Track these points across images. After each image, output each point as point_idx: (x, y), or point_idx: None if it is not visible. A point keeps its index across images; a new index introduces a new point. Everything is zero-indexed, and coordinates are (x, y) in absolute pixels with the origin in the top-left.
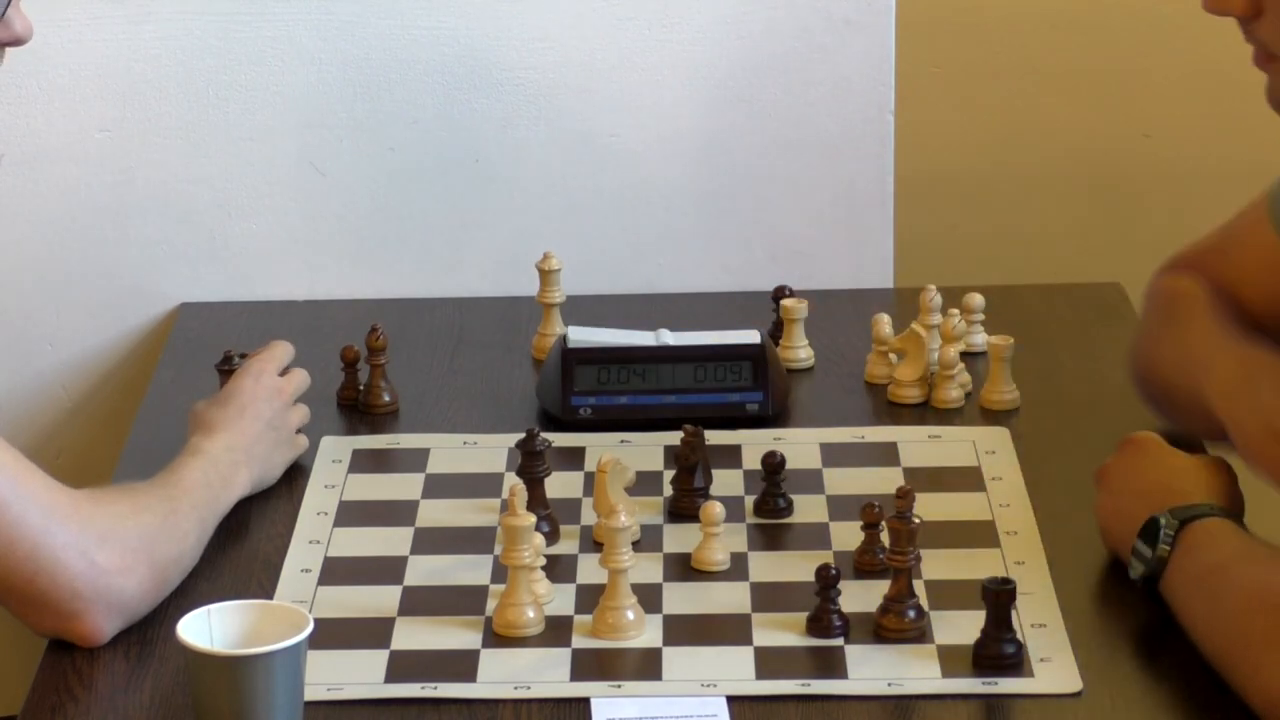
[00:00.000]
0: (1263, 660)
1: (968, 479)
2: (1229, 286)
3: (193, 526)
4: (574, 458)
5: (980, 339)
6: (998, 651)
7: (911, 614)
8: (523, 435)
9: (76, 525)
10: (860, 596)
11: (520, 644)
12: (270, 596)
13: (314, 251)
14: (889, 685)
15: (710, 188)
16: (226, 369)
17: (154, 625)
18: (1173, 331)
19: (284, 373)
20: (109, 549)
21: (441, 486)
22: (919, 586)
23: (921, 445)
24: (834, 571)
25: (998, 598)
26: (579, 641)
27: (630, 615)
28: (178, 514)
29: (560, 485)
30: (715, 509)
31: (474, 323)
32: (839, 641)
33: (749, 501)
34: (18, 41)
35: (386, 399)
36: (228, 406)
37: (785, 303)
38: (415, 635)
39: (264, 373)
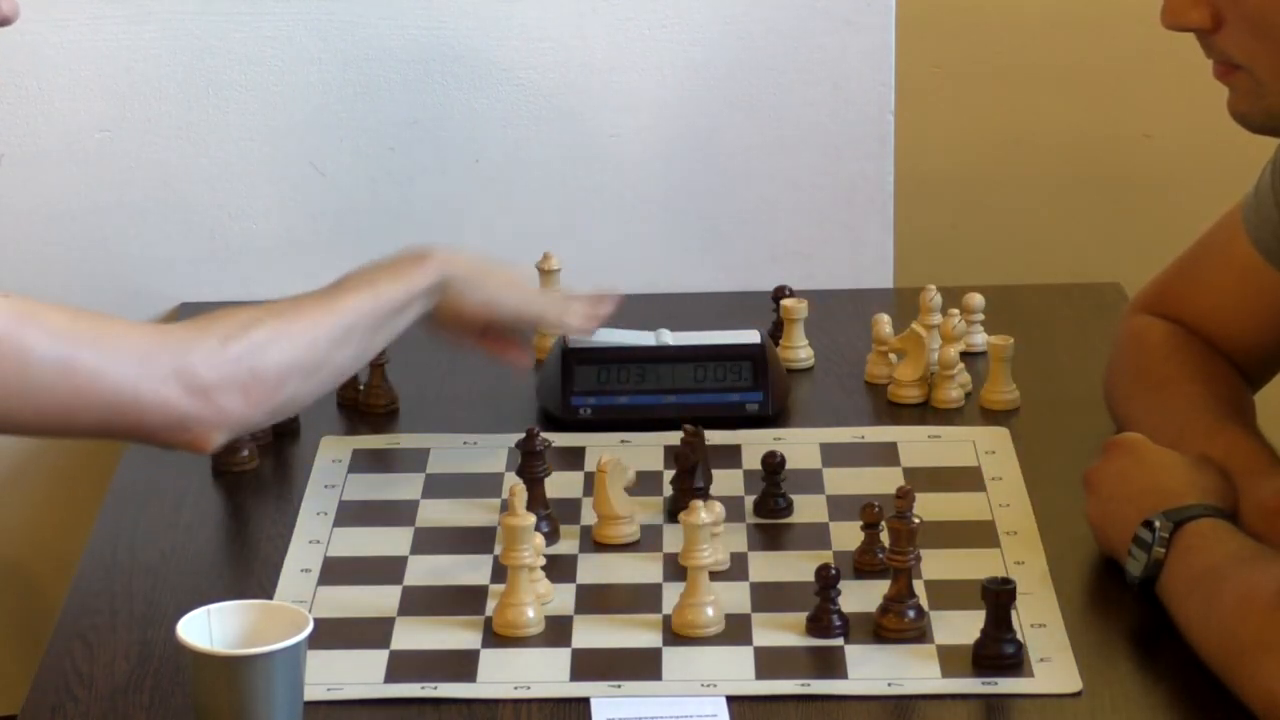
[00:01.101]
0: (1260, 663)
1: (968, 479)
2: (1201, 314)
3: (325, 331)
4: (574, 458)
5: (980, 339)
6: (998, 651)
7: (911, 614)
8: (523, 435)
9: (169, 357)
10: (860, 596)
11: (520, 644)
12: (270, 596)
13: (314, 251)
14: (889, 685)
15: (711, 188)
16: None
17: (154, 625)
18: (1148, 399)
19: None
20: (208, 368)
21: (441, 486)
22: (919, 586)
23: (921, 445)
24: (834, 571)
25: (998, 598)
26: (579, 641)
27: (710, 612)
28: (298, 320)
29: (560, 485)
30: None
31: None
32: (839, 641)
33: (749, 501)
34: (5, 21)
35: (386, 399)
36: None
37: (785, 303)
38: (415, 635)
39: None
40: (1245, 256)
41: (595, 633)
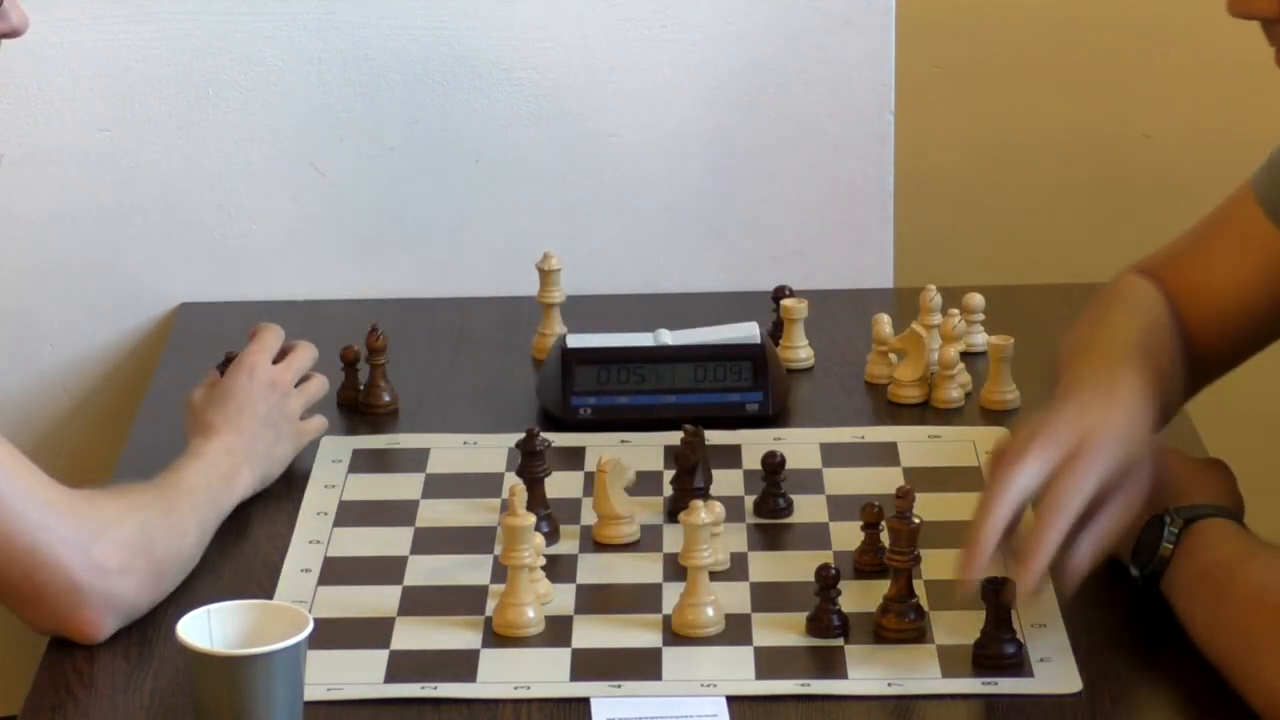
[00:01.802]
0: (1264, 661)
1: (968, 479)
2: (1206, 283)
3: (192, 526)
4: (574, 458)
5: (980, 339)
6: (998, 651)
7: (911, 614)
8: (523, 435)
9: (75, 521)
10: (860, 596)
11: (520, 644)
12: (270, 596)
13: (314, 251)
14: (889, 685)
15: (710, 188)
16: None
17: (154, 625)
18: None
19: (281, 356)
20: (107, 546)
21: (441, 486)
22: (919, 586)
23: (921, 445)
24: (834, 571)
25: (998, 597)
26: (579, 641)
27: (710, 612)
28: (176, 513)
29: (560, 485)
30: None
31: (474, 323)
32: (839, 641)
33: (749, 501)
34: (15, 33)
35: (386, 399)
36: (225, 406)
37: (785, 303)
38: (415, 635)
39: (256, 366)
40: (1254, 226)
41: (595, 633)
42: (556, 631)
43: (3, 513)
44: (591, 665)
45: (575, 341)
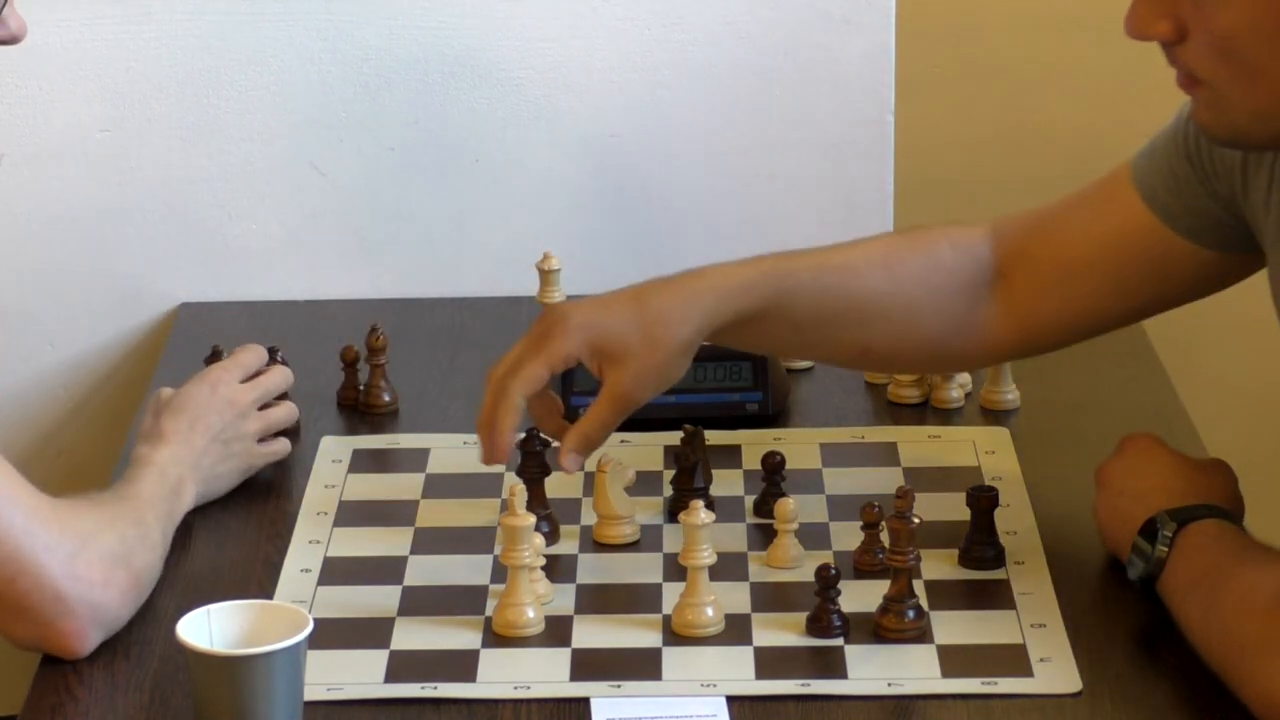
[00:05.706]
0: (1258, 663)
1: (968, 479)
2: (1062, 239)
3: (158, 537)
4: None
5: None
6: (980, 555)
7: (911, 614)
8: (523, 435)
9: (58, 531)
10: (860, 596)
11: (520, 644)
12: (270, 596)
13: (314, 251)
14: (889, 685)
15: (710, 187)
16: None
17: (153, 625)
18: None
19: (255, 375)
20: (90, 557)
21: (441, 486)
22: (919, 586)
23: (921, 445)
24: (834, 571)
25: (979, 504)
26: (579, 641)
27: (710, 612)
28: (146, 524)
29: (560, 485)
30: (790, 505)
31: (474, 323)
32: (839, 641)
33: (749, 501)
34: (13, 40)
35: (386, 399)
36: (179, 416)
37: None
38: (415, 635)
39: (220, 382)
40: (1123, 194)
41: (595, 633)
42: (556, 631)
43: None
44: (591, 665)
45: None
